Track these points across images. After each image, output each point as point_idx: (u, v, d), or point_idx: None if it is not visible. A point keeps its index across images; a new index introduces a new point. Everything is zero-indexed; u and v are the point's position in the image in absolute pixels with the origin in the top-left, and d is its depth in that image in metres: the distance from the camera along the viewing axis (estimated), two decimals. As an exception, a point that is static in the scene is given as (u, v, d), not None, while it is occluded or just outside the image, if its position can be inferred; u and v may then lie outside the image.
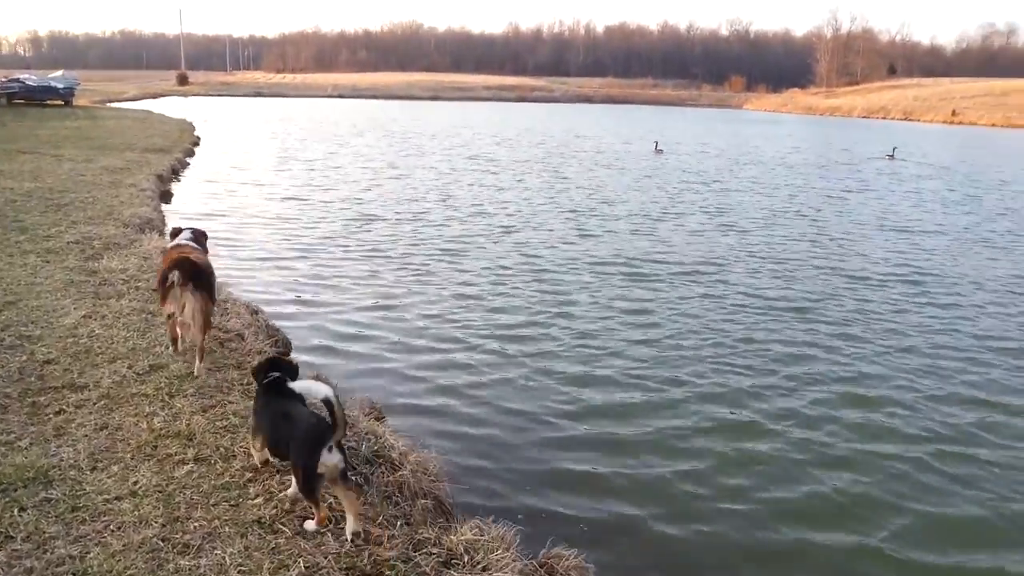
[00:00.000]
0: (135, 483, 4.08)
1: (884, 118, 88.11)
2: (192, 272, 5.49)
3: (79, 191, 13.65)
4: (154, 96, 68.87)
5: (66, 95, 39.80)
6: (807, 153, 35.11)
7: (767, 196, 19.84)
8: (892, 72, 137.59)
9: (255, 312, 7.47)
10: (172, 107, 52.33)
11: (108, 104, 49.13)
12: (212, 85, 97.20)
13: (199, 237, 6.38)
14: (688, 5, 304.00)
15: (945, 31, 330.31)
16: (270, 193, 17.37)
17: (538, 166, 24.87)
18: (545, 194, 18.68)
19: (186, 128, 30.94)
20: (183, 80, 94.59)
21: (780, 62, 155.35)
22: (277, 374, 4.15)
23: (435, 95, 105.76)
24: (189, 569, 3.42)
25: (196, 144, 26.45)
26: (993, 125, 75.22)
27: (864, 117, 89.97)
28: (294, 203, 16.16)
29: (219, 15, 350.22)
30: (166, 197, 15.76)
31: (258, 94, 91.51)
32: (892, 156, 32.84)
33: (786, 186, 22.16)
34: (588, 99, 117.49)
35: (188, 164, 21.39)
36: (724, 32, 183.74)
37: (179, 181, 18.35)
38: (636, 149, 32.96)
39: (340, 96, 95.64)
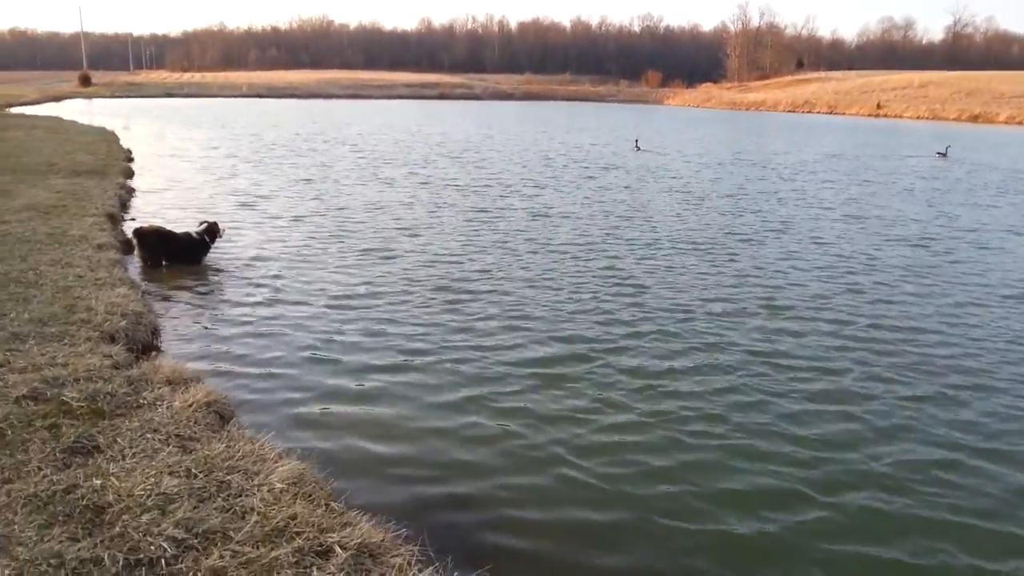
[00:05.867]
0: None
1: (809, 112, 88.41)
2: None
3: (5, 257, 8.92)
4: (56, 99, 62.08)
5: (-43, 100, 33.81)
6: (855, 156, 30.70)
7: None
8: (800, 66, 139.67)
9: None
10: (80, 111, 46.26)
11: (8, 109, 42.64)
12: (118, 86, 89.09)
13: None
14: (599, 1, 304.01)
15: (847, 25, 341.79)
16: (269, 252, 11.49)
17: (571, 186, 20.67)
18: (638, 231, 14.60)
19: (111, 139, 25.50)
20: (86, 81, 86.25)
21: (691, 57, 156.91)
22: None
23: (355, 93, 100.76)
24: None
25: (130, 160, 21.22)
26: (919, 118, 75.40)
27: (790, 111, 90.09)
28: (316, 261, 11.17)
29: (118, 12, 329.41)
30: (127, 247, 10.91)
31: (168, 95, 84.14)
32: (944, 155, 30.83)
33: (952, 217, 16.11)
34: (509, 96, 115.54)
35: (134, 192, 16.35)
36: (636, 28, 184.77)
37: (133, 219, 13.31)
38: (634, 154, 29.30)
39: (257, 96, 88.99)
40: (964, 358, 7.64)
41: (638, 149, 30.69)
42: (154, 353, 6.81)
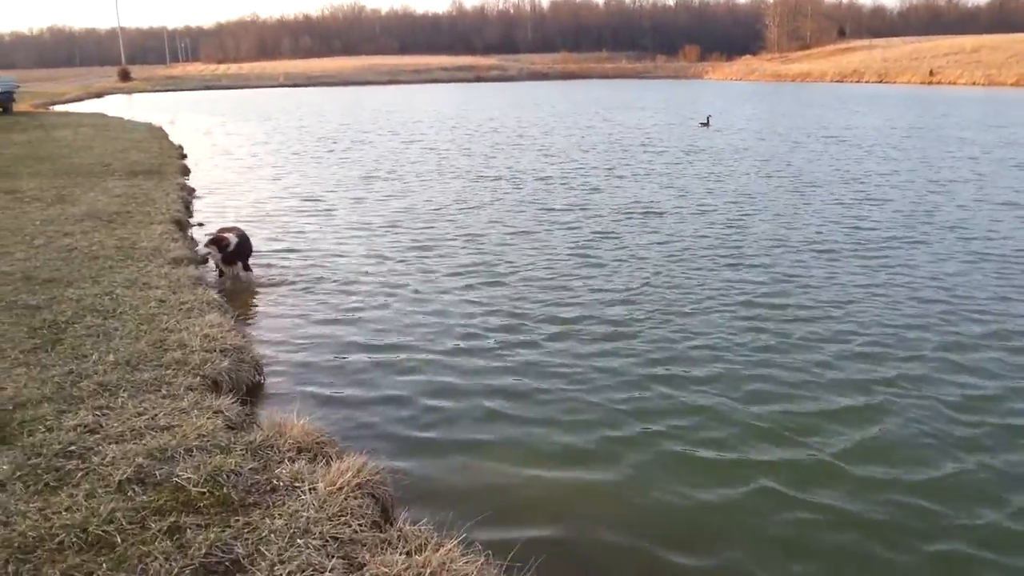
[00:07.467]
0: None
1: (858, 81, 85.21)
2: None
3: (75, 278, 7.86)
4: (98, 95, 62.05)
5: (4, 100, 33.44)
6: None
7: None
8: (842, 34, 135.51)
9: None
10: (122, 107, 45.82)
11: (52, 107, 42.36)
12: (157, 80, 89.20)
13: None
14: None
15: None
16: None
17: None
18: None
19: (160, 135, 24.60)
20: (125, 76, 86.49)
21: (728, 30, 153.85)
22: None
23: (392, 79, 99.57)
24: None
25: (184, 157, 20.25)
26: (974, 84, 72.01)
27: (838, 81, 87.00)
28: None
29: (152, 6, 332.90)
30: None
31: (207, 87, 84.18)
32: None
33: None
34: (544, 76, 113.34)
35: (195, 192, 15.33)
36: (671, 2, 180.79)
37: (200, 224, 12.30)
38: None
39: (295, 85, 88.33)
40: None
41: (706, 126, 29.21)
42: (271, 413, 5.64)
